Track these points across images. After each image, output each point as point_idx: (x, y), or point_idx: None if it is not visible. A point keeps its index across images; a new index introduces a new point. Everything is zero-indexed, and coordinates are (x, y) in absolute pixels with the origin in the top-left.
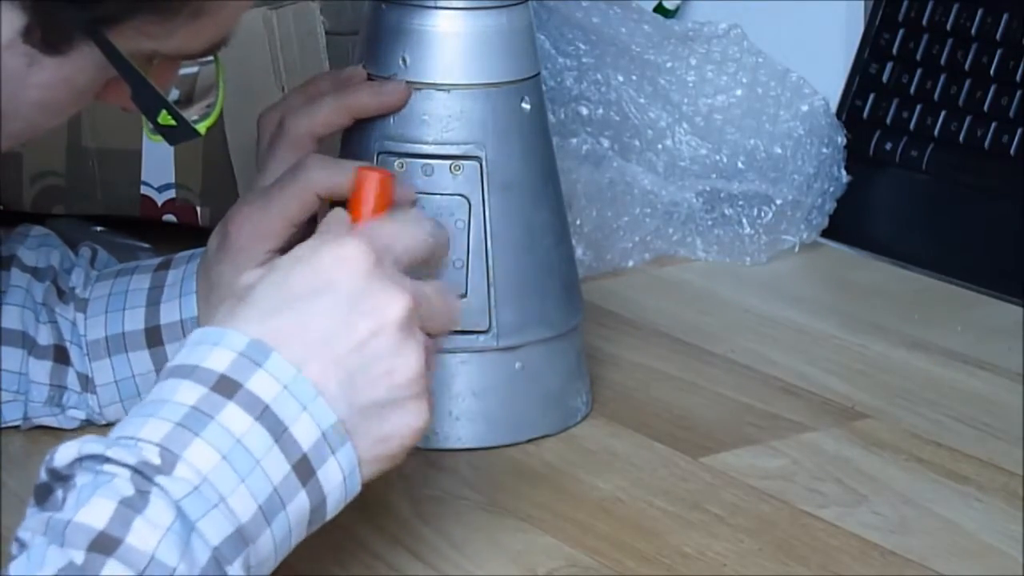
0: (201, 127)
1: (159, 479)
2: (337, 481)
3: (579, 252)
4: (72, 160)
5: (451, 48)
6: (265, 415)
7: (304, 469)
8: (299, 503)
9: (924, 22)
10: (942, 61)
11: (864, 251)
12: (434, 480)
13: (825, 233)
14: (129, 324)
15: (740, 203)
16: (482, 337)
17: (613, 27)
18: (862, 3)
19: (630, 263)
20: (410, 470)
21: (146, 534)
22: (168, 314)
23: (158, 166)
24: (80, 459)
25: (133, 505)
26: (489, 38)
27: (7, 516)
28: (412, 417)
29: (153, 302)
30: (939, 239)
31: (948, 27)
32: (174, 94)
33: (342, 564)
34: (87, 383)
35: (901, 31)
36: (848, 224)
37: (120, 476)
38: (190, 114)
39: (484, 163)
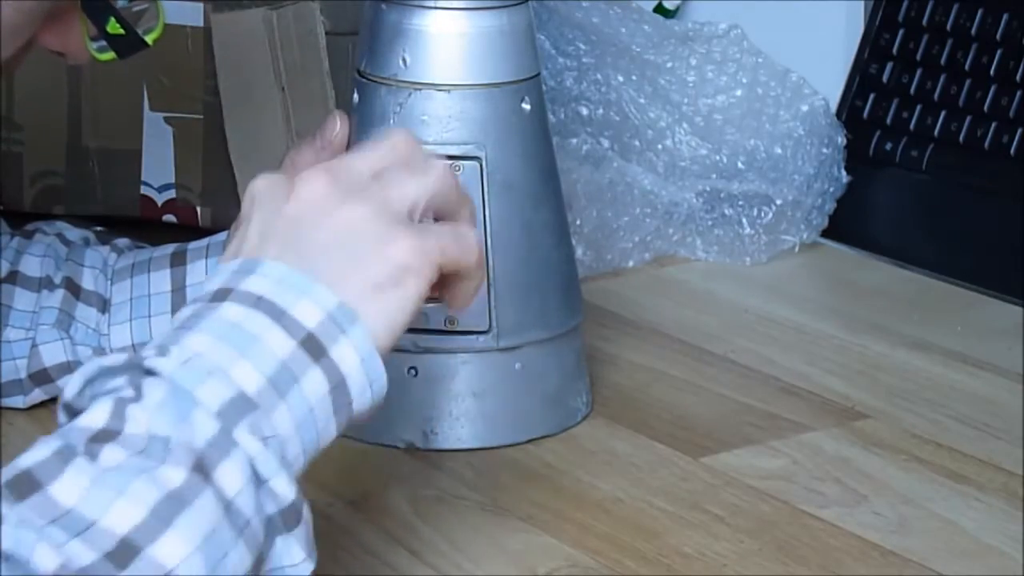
0: (149, 38)
1: (149, 361)
2: (354, 362)
3: (579, 252)
4: (72, 160)
5: (451, 48)
6: (260, 303)
7: (313, 346)
8: (314, 378)
9: (924, 22)
10: (942, 61)
11: (864, 251)
12: (434, 480)
13: (825, 233)
14: (158, 252)
15: (740, 203)
16: (482, 337)
17: (613, 27)
18: (862, 3)
19: (630, 263)
20: (410, 470)
21: (140, 417)
22: (197, 243)
23: (158, 166)
24: (86, 383)
25: (130, 398)
26: (489, 38)
27: None
28: (400, 299)
29: (181, 248)
30: (939, 239)
31: (948, 27)
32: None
33: (342, 564)
34: (104, 305)
35: (901, 31)
36: (848, 224)
37: (121, 385)
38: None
39: (484, 163)
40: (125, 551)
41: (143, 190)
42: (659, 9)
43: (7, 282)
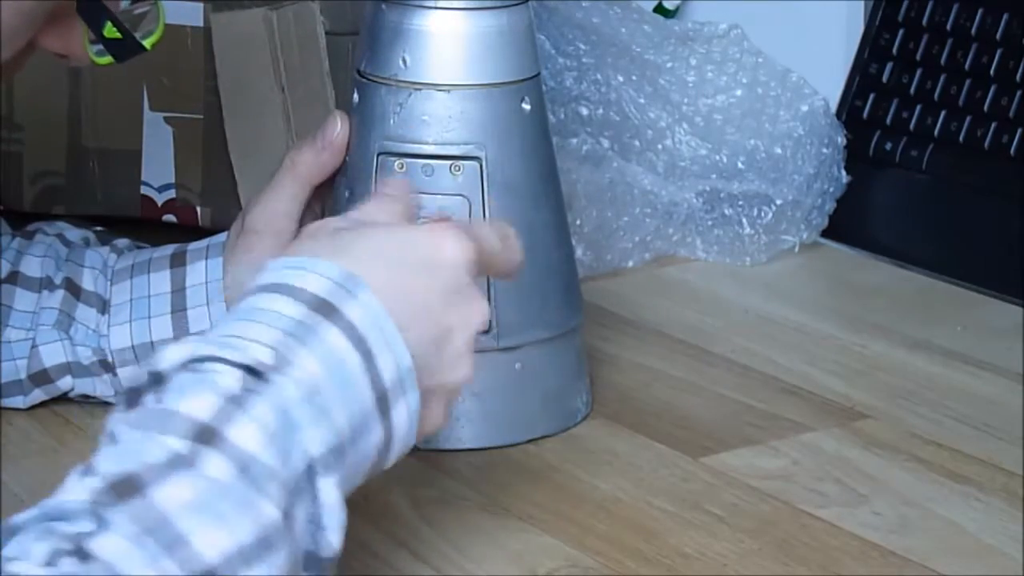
0: (147, 43)
1: (273, 376)
2: (404, 424)
3: (579, 252)
4: (72, 160)
5: (451, 48)
6: (358, 341)
7: (383, 403)
8: (376, 434)
9: (924, 22)
10: (942, 61)
11: (864, 251)
12: (435, 480)
13: (825, 233)
14: (158, 253)
15: (740, 203)
16: (482, 337)
17: (613, 27)
18: (862, 3)
19: (630, 263)
20: (410, 470)
21: (249, 434)
22: (197, 244)
23: (158, 166)
24: (189, 361)
25: (237, 402)
26: (489, 38)
27: (7, 516)
28: (440, 417)
29: (187, 243)
30: (939, 239)
31: (948, 27)
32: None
33: (342, 564)
34: (104, 306)
35: (901, 31)
36: (848, 224)
37: (227, 374)
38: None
39: (484, 163)
40: None
41: (143, 190)
42: (659, 9)
43: (8, 282)
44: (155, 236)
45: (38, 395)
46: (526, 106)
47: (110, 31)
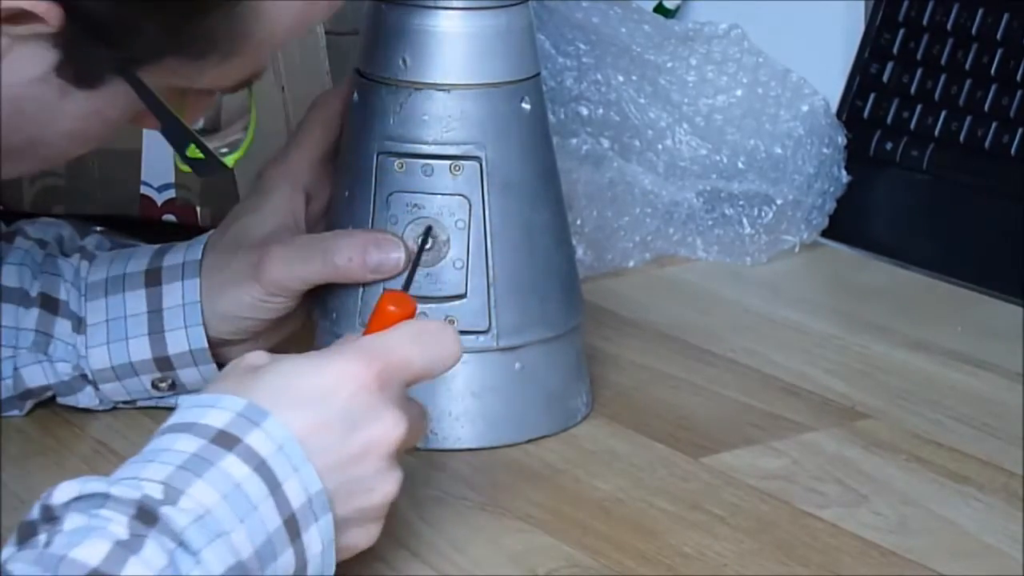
0: (229, 160)
1: (163, 509)
2: (316, 550)
3: (579, 252)
4: (72, 160)
5: (451, 48)
6: (261, 468)
7: (292, 527)
8: (286, 560)
9: (924, 22)
10: (942, 61)
11: (864, 251)
12: (434, 480)
13: (825, 233)
14: (132, 267)
15: (740, 203)
16: (482, 337)
17: (613, 27)
18: (862, 3)
19: (630, 263)
20: (410, 470)
21: (140, 573)
22: (171, 259)
23: (158, 166)
24: (79, 497)
25: (128, 546)
26: (489, 38)
27: (7, 516)
28: (366, 537)
29: (159, 252)
30: (939, 239)
31: (948, 27)
32: (198, 123)
33: (342, 564)
34: (79, 324)
35: (901, 31)
36: (848, 224)
37: (116, 521)
38: (217, 143)
39: (484, 163)
40: None
41: (143, 190)
42: (659, 9)
43: None
44: (155, 236)
45: (31, 406)
46: (526, 106)
47: (192, 152)
